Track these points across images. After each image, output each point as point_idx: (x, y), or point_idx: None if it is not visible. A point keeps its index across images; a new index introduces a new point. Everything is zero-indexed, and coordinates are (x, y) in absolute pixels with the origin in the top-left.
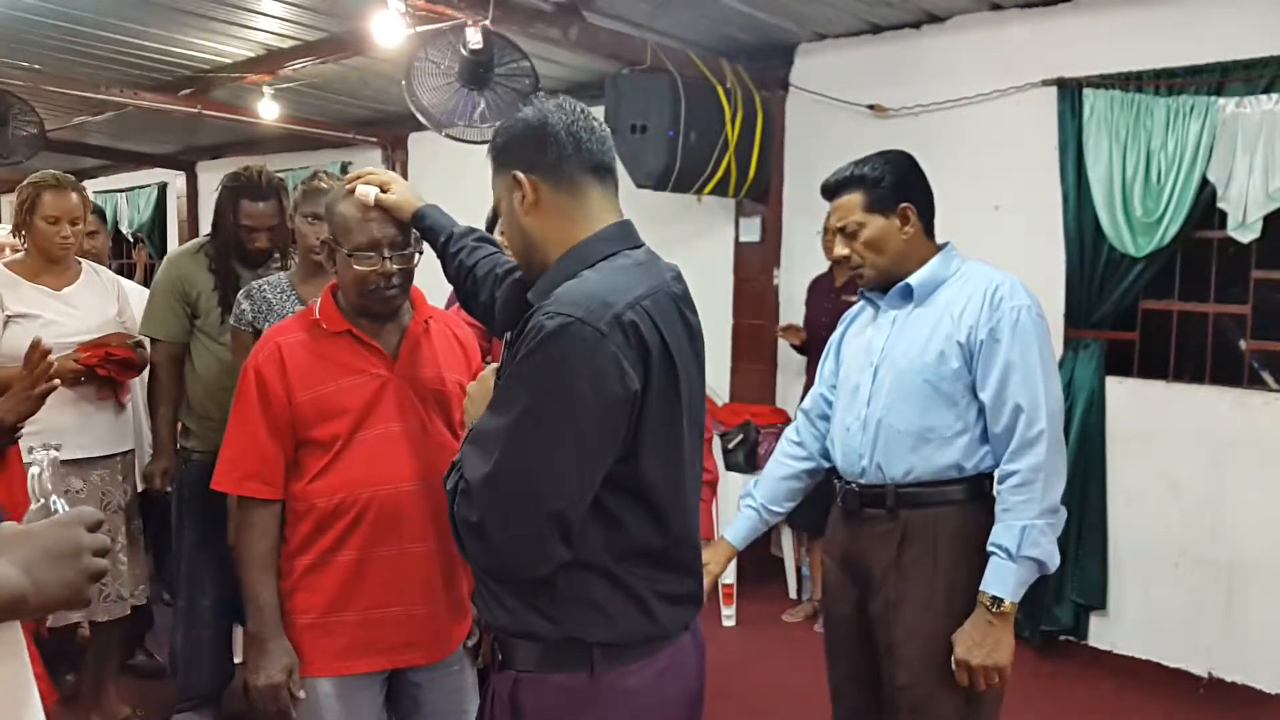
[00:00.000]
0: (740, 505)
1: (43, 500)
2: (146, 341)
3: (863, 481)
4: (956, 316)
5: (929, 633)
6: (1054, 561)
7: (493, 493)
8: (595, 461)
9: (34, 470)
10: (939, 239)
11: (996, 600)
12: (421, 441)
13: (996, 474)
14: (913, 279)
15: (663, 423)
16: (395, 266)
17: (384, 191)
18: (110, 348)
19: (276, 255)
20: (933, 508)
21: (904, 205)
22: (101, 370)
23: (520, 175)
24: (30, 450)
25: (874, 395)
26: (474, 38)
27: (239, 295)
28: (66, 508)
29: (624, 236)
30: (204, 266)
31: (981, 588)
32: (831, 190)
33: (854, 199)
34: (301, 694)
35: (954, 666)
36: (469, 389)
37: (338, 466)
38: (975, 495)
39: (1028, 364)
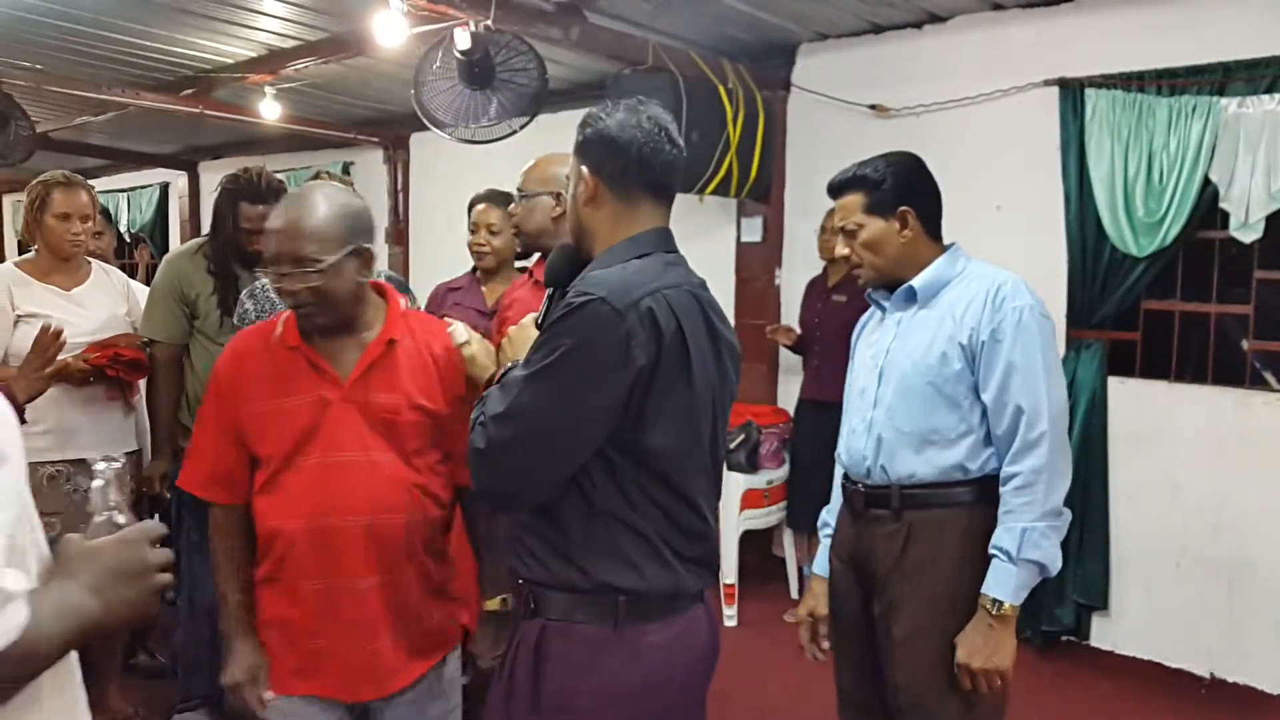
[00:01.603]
0: (822, 537)
1: (106, 514)
2: None
3: (869, 482)
4: (958, 318)
5: (931, 633)
6: (1055, 564)
7: (502, 428)
8: (593, 419)
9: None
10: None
11: (997, 603)
12: (365, 473)
13: (1000, 476)
14: (915, 281)
15: (673, 400)
16: (298, 285)
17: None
18: (119, 348)
19: None
20: (938, 509)
21: (903, 209)
22: (110, 371)
23: (586, 172)
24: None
25: (879, 398)
26: (462, 40)
27: (242, 295)
28: (129, 521)
29: (660, 241)
30: (202, 268)
31: (982, 590)
32: (836, 189)
33: (855, 200)
34: (269, 695)
35: (956, 670)
36: (510, 332)
37: (273, 491)
38: (981, 497)
39: (1029, 365)
